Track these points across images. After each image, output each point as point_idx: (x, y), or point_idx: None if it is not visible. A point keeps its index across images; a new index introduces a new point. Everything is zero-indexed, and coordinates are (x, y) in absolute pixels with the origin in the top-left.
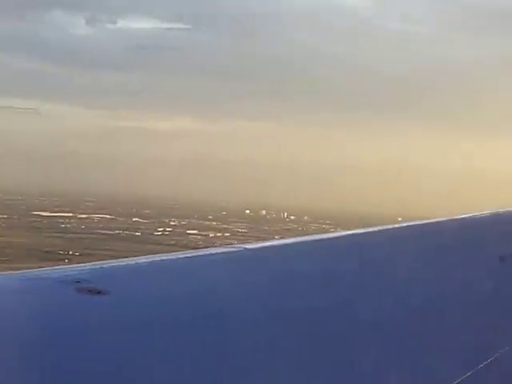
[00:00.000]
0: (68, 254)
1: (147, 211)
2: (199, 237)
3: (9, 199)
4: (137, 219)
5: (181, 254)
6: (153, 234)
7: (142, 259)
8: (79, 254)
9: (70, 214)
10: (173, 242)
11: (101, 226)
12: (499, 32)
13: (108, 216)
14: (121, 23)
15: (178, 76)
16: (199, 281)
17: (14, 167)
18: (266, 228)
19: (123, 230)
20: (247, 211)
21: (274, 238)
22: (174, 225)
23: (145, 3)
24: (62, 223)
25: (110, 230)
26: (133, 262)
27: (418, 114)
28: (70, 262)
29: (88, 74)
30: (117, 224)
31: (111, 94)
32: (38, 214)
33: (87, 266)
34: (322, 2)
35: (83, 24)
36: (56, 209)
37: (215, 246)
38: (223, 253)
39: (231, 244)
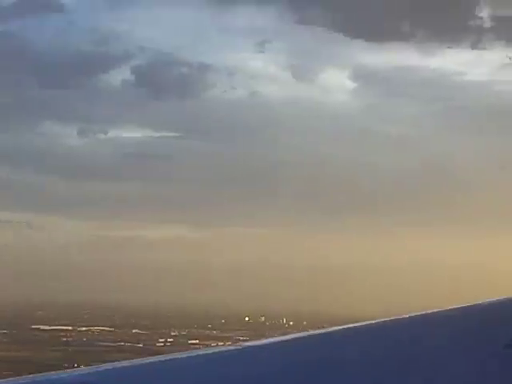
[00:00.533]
0: (73, 366)
1: (145, 322)
2: (201, 347)
3: (4, 315)
4: (137, 330)
5: (186, 354)
6: (154, 345)
7: (146, 360)
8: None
9: (70, 328)
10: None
11: (102, 338)
12: (483, 131)
13: (107, 328)
14: (112, 133)
15: (170, 184)
16: (207, 380)
17: (5, 281)
18: (267, 334)
19: (125, 342)
20: (246, 318)
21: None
22: (175, 335)
23: (135, 113)
24: (64, 336)
25: (112, 342)
26: (138, 363)
27: (403, 216)
28: None
29: (80, 184)
30: (117, 336)
31: (104, 204)
32: (38, 328)
33: (92, 369)
34: (308, 105)
35: (75, 134)
36: (55, 322)
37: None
38: (228, 351)
39: None
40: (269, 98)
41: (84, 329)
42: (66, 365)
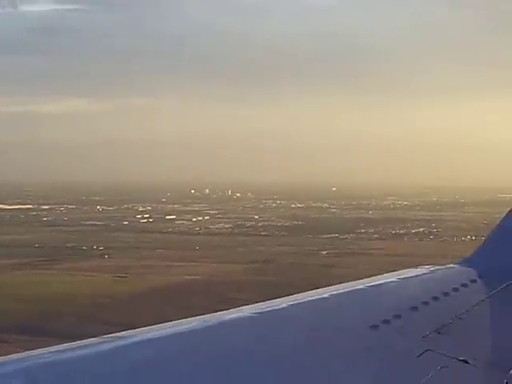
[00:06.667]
0: (93, 249)
1: (97, 198)
2: (185, 222)
3: None
4: (101, 207)
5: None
6: (140, 223)
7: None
8: (103, 249)
9: (30, 206)
10: (169, 229)
11: (77, 216)
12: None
13: (70, 206)
14: (22, 6)
15: (77, 57)
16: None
17: None
18: (232, 207)
19: (108, 221)
20: (192, 191)
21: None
22: (143, 210)
23: None
24: (44, 216)
25: (97, 221)
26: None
27: (315, 83)
28: (105, 258)
29: None
30: (89, 214)
31: (7, 79)
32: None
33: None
34: None
35: None
36: (7, 201)
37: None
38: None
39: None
40: None
41: (47, 207)
42: (84, 248)
